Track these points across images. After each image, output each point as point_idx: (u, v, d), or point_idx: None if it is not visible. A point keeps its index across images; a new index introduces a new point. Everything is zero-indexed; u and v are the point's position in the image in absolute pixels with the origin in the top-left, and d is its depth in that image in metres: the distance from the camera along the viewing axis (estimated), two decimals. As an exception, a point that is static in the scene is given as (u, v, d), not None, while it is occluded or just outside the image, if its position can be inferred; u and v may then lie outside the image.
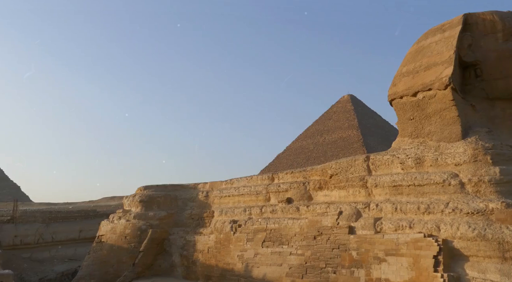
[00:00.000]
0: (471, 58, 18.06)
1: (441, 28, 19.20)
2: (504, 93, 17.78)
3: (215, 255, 24.73)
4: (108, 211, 47.71)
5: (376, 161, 19.45)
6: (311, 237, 20.11)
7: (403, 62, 20.32)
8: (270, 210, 23.64)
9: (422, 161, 17.76)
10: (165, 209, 29.43)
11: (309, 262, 19.60)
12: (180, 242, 27.24)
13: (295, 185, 23.13)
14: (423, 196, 17.16)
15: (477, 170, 15.93)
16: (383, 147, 50.25)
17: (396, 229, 17.02)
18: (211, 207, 27.77)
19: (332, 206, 20.28)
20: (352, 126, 79.62)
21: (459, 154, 16.67)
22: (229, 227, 24.72)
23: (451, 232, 15.27)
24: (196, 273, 25.57)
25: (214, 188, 28.92)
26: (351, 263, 17.90)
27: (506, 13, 18.35)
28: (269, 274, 21.09)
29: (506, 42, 17.74)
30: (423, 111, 18.65)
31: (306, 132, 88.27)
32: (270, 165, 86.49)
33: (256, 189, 25.37)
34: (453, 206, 15.70)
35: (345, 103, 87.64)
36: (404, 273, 15.96)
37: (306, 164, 75.68)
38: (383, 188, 18.62)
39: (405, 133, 19.62)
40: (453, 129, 17.55)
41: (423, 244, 15.66)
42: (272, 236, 22.13)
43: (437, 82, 17.72)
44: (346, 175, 20.56)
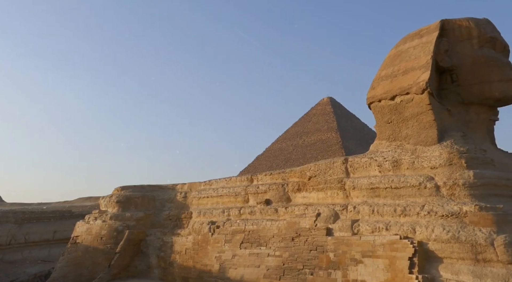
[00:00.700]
0: (447, 64, 18.40)
1: (419, 33, 19.52)
2: (479, 98, 18.18)
3: (193, 256, 24.56)
4: (84, 212, 46.86)
5: (354, 164, 19.63)
6: (289, 238, 20.16)
7: (382, 66, 20.59)
8: (248, 212, 23.61)
9: (399, 164, 18.00)
10: (142, 209, 29.09)
11: (286, 263, 19.63)
12: (157, 243, 26.95)
13: (274, 186, 23.17)
14: (400, 198, 17.38)
15: (452, 174, 16.22)
16: (361, 150, 50.82)
17: (373, 231, 17.20)
18: (189, 208, 27.58)
19: (311, 208, 20.37)
20: (331, 129, 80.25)
21: (435, 157, 16.96)
22: (207, 228, 24.58)
23: (426, 234, 15.50)
24: (173, 275, 25.34)
25: (192, 189, 28.74)
26: (328, 264, 18.01)
27: (481, 20, 18.78)
28: (246, 275, 21.05)
29: (481, 49, 18.14)
30: (401, 115, 18.91)
31: (286, 134, 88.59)
32: (249, 166, 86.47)
33: (234, 190, 25.32)
34: (429, 208, 15.96)
35: (324, 105, 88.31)
36: (380, 275, 16.13)
37: (285, 166, 76.00)
38: (361, 191, 18.80)
39: (383, 136, 19.87)
40: (429, 132, 17.84)
41: (399, 246, 15.85)
42: (250, 238, 22.10)
43: (414, 87, 17.99)
44: (324, 177, 20.68)
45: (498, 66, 17.70)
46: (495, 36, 18.16)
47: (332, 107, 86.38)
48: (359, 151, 51.79)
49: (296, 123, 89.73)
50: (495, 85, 17.65)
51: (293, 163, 75.61)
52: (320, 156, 72.62)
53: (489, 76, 17.72)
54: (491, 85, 17.70)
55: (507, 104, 18.61)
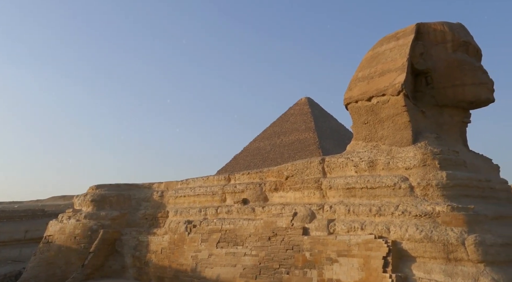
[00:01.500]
0: (422, 66, 18.73)
1: (395, 35, 19.81)
2: (452, 101, 18.56)
3: (169, 255, 24.35)
4: (57, 211, 45.97)
5: (331, 164, 19.80)
6: (266, 238, 20.20)
7: (359, 68, 20.81)
8: (225, 211, 23.56)
9: (374, 165, 18.24)
10: (118, 209, 28.70)
11: (263, 262, 19.66)
12: (132, 243, 26.62)
13: (251, 186, 23.18)
14: (375, 198, 17.60)
15: (425, 174, 16.53)
16: (338, 150, 51.29)
17: (349, 231, 17.38)
18: (166, 207, 27.35)
19: (287, 207, 20.45)
20: (309, 129, 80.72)
21: (409, 158, 17.25)
22: (184, 228, 24.42)
23: (400, 234, 15.75)
24: (148, 274, 25.07)
25: (169, 188, 28.51)
26: (304, 263, 18.12)
27: (455, 24, 19.19)
28: (222, 274, 21.00)
29: (455, 52, 18.52)
30: (377, 116, 19.16)
31: (264, 134, 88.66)
32: (227, 165, 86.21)
33: (212, 190, 25.22)
34: (403, 208, 16.22)
35: (302, 105, 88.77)
36: (355, 274, 16.31)
37: (262, 165, 76.06)
38: (337, 190, 18.97)
39: (359, 136, 20.09)
40: (404, 134, 18.14)
41: (374, 245, 16.06)
42: (227, 237, 22.05)
43: (390, 88, 18.26)
44: (301, 177, 20.80)
45: (471, 70, 18.11)
46: (468, 40, 18.58)
47: (310, 107, 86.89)
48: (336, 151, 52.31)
49: (274, 122, 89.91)
50: (468, 88, 18.06)
51: (270, 162, 75.76)
52: (298, 156, 72.97)
53: (462, 79, 18.11)
54: (464, 88, 18.09)
55: (479, 107, 19.06)
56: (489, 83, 18.14)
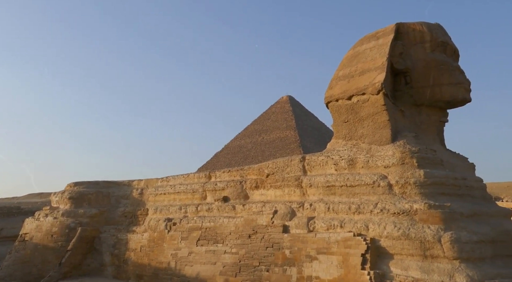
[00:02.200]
0: (401, 66, 18.97)
1: (375, 35, 20.01)
2: (430, 100, 18.86)
3: (148, 253, 24.16)
4: (33, 209, 45.12)
5: (311, 162, 19.91)
6: (246, 235, 20.21)
7: (340, 66, 20.95)
8: (206, 209, 23.47)
9: (354, 163, 18.41)
10: (96, 206, 28.34)
11: (243, 260, 19.67)
12: (111, 241, 26.31)
13: (232, 183, 23.14)
14: (354, 196, 17.78)
15: (404, 173, 16.76)
16: (318, 148, 51.62)
17: (328, 228, 17.50)
18: (146, 205, 27.11)
19: (268, 205, 20.49)
20: (290, 127, 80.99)
21: (388, 157, 17.48)
22: (164, 225, 24.24)
23: (378, 231, 15.95)
24: (127, 273, 24.83)
25: (149, 186, 28.26)
26: (284, 261, 18.18)
27: (433, 24, 19.49)
28: (202, 272, 20.93)
29: (433, 53, 18.82)
30: (357, 115, 19.33)
31: (245, 131, 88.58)
32: (208, 163, 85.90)
33: (192, 187, 25.09)
34: (381, 206, 16.42)
35: (283, 104, 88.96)
36: (334, 271, 16.45)
37: (244, 163, 76.00)
38: (317, 188, 19.09)
39: (339, 135, 20.24)
40: (383, 132, 18.35)
41: (353, 242, 16.22)
42: (207, 235, 21.98)
43: (370, 87, 18.44)
44: (282, 174, 20.86)
45: (449, 70, 18.43)
46: (446, 41, 18.90)
47: (291, 106, 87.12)
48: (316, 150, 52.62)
49: (255, 120, 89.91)
50: (446, 88, 18.38)
51: (251, 160, 75.81)
52: (279, 154, 73.17)
53: (440, 79, 18.43)
54: (442, 88, 18.42)
55: (456, 106, 19.43)
56: (465, 83, 18.49)
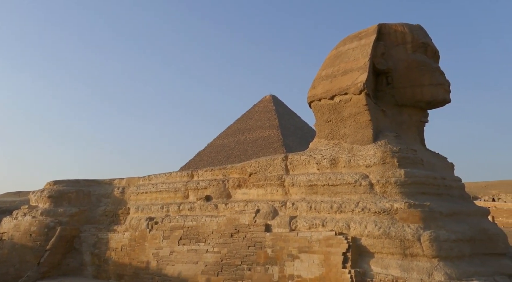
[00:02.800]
0: (383, 66, 19.18)
1: (358, 35, 20.19)
2: (411, 100, 19.12)
3: (129, 253, 23.94)
4: (11, 207, 44.31)
5: (294, 161, 20.00)
6: (228, 234, 20.19)
7: (323, 66, 21.08)
8: (188, 208, 23.37)
9: (336, 162, 18.54)
10: (76, 205, 27.94)
11: (225, 259, 19.64)
12: (91, 240, 25.99)
13: (215, 182, 23.09)
14: (336, 195, 17.91)
15: (385, 172, 16.96)
16: (301, 147, 51.88)
17: (310, 227, 17.60)
18: (127, 204, 26.85)
19: (250, 204, 20.50)
20: (273, 126, 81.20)
21: (370, 156, 17.66)
22: (145, 225, 24.06)
23: (359, 230, 16.10)
24: (107, 272, 24.56)
25: (131, 184, 27.99)
26: (266, 260, 18.22)
27: (415, 26, 19.78)
28: (184, 272, 20.84)
29: (414, 53, 19.08)
30: (339, 114, 19.48)
31: (228, 130, 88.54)
32: (190, 162, 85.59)
33: (174, 186, 24.95)
34: (363, 205, 16.58)
35: (266, 103, 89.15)
36: (315, 270, 16.56)
37: (226, 162, 75.96)
38: (300, 187, 19.18)
39: (322, 134, 20.36)
40: (365, 132, 18.53)
41: (334, 241, 16.34)
42: (189, 234, 21.89)
43: (352, 87, 18.60)
44: (265, 174, 20.90)
45: (429, 71, 18.71)
46: (427, 42, 19.18)
47: (274, 105, 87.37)
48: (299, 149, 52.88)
49: (238, 119, 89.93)
50: (426, 88, 18.66)
51: (234, 159, 75.80)
52: (262, 153, 73.30)
53: (420, 80, 18.69)
54: (423, 89, 18.68)
55: (436, 107, 19.71)
56: (445, 84, 18.80)
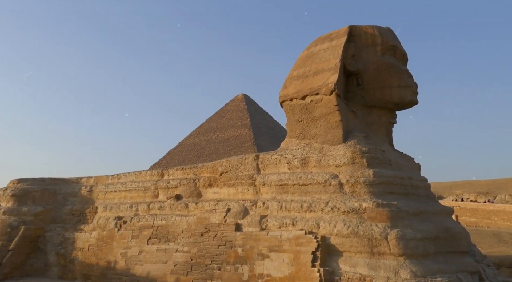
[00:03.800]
0: (354, 67, 19.48)
1: (329, 36, 20.43)
2: (380, 102, 19.50)
3: (96, 253, 23.47)
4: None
5: (265, 160, 20.05)
6: (199, 234, 20.06)
7: (294, 66, 21.22)
8: (158, 207, 23.09)
9: (307, 162, 18.70)
10: (42, 204, 27.17)
11: (195, 259, 19.52)
12: (57, 240, 25.34)
13: (185, 181, 22.90)
14: (307, 195, 18.06)
15: (354, 172, 17.22)
16: (272, 147, 52.02)
17: (280, 227, 17.69)
18: (95, 203, 26.32)
19: (221, 203, 20.43)
20: (245, 125, 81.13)
21: (340, 156, 17.89)
22: (113, 224, 23.63)
23: (329, 229, 16.29)
24: (73, 272, 24.00)
25: (99, 183, 27.44)
26: (236, 259, 18.20)
27: (385, 28, 20.19)
28: (153, 271, 20.58)
29: (383, 56, 19.47)
30: (310, 114, 19.65)
31: (199, 129, 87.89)
32: (161, 160, 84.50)
33: (144, 185, 24.61)
34: (332, 205, 16.78)
35: (238, 102, 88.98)
36: (285, 269, 16.65)
37: (197, 161, 75.45)
38: (270, 187, 19.24)
39: (293, 134, 20.50)
40: (335, 132, 18.76)
41: (304, 240, 16.48)
42: (158, 233, 21.63)
43: (323, 88, 18.80)
44: (236, 173, 20.87)
45: (398, 73, 19.13)
46: (395, 45, 19.61)
47: (246, 104, 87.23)
48: (270, 148, 53.06)
49: (210, 118, 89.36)
50: (395, 90, 19.06)
51: (205, 158, 75.34)
52: (233, 152, 73.15)
53: (389, 82, 19.08)
54: (391, 90, 19.08)
55: (404, 108, 20.17)
56: (413, 86, 19.26)
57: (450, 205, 52.38)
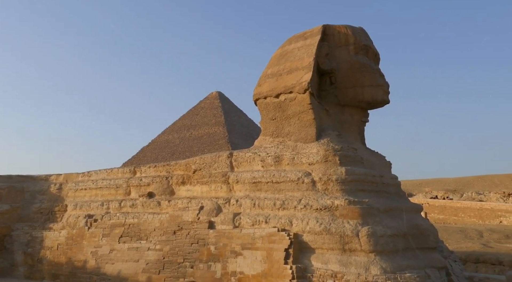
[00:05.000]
0: (327, 66, 19.67)
1: (303, 35, 20.57)
2: (353, 100, 19.76)
3: (66, 252, 22.97)
4: None
5: (239, 158, 20.04)
6: (171, 232, 19.90)
7: (269, 64, 21.27)
8: (130, 205, 22.77)
9: (280, 160, 18.80)
10: (8, 202, 26.37)
11: (167, 257, 19.35)
12: (24, 239, 24.66)
13: (158, 179, 22.65)
14: (280, 192, 18.15)
15: (327, 170, 17.42)
16: (247, 145, 52.06)
17: (254, 224, 17.73)
18: (65, 201, 25.72)
19: (194, 201, 20.32)
20: (219, 123, 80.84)
21: (313, 154, 18.06)
22: (84, 222, 23.17)
23: (301, 227, 16.44)
24: (41, 272, 23.43)
25: (69, 181, 26.84)
26: (209, 257, 18.15)
27: (357, 28, 20.47)
28: (124, 270, 20.30)
29: (356, 55, 19.73)
30: (284, 112, 19.76)
31: (173, 126, 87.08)
32: (133, 158, 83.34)
33: (116, 183, 24.21)
34: (305, 202, 16.93)
35: (213, 99, 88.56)
36: (258, 266, 16.71)
37: (171, 159, 74.70)
38: (244, 184, 19.25)
39: (267, 132, 20.56)
40: (309, 131, 18.93)
41: (276, 238, 16.57)
42: (130, 231, 21.34)
43: (297, 86, 18.93)
44: (209, 170, 20.78)
45: (370, 72, 19.43)
46: (368, 44, 19.91)
47: (220, 102, 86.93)
48: (244, 146, 53.07)
49: (183, 115, 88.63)
50: (367, 89, 19.36)
51: (179, 156, 74.71)
52: (207, 150, 72.77)
53: (362, 81, 19.37)
54: (364, 90, 19.37)
55: (376, 107, 20.51)
56: (385, 86, 19.61)
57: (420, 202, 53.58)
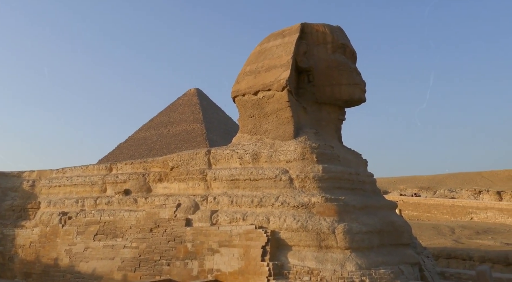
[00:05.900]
0: (305, 64, 19.76)
1: (282, 33, 20.60)
2: (330, 99, 19.90)
3: (39, 250, 22.51)
4: None
5: (217, 155, 19.97)
6: (148, 229, 19.71)
7: (247, 62, 21.25)
8: (105, 202, 22.45)
9: (258, 157, 18.81)
10: (-22, 199, 25.65)
11: (143, 255, 19.18)
12: (-5, 237, 24.03)
13: (134, 176, 22.40)
14: (257, 190, 18.17)
15: (304, 167, 17.52)
16: (225, 142, 51.91)
17: (231, 221, 17.71)
18: (38, 198, 25.18)
19: (171, 198, 20.17)
20: (197, 120, 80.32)
21: (290, 152, 18.13)
22: (58, 220, 22.73)
23: (279, 224, 16.50)
24: (13, 271, 22.92)
25: (42, 177, 26.27)
26: (186, 255, 18.06)
27: (335, 27, 20.60)
28: (99, 268, 20.02)
29: (334, 54, 19.87)
30: (262, 110, 19.77)
31: (150, 123, 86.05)
32: (109, 154, 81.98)
33: (91, 180, 23.82)
34: (282, 200, 17.00)
35: (191, 96, 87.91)
36: (235, 263, 16.71)
37: (148, 155, 73.88)
38: (222, 182, 19.20)
39: (245, 129, 20.55)
40: (286, 128, 18.99)
41: (254, 235, 16.59)
42: (105, 229, 21.05)
43: (275, 84, 18.97)
44: (187, 168, 20.65)
45: (347, 71, 19.60)
46: (345, 43, 20.08)
47: (198, 99, 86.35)
48: (222, 143, 52.92)
49: (161, 112, 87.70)
50: (344, 88, 19.53)
51: (156, 152, 73.96)
52: (185, 147, 72.24)
53: (339, 79, 19.52)
54: (341, 88, 19.53)
55: (353, 105, 20.71)
56: (361, 84, 19.83)
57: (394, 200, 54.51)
